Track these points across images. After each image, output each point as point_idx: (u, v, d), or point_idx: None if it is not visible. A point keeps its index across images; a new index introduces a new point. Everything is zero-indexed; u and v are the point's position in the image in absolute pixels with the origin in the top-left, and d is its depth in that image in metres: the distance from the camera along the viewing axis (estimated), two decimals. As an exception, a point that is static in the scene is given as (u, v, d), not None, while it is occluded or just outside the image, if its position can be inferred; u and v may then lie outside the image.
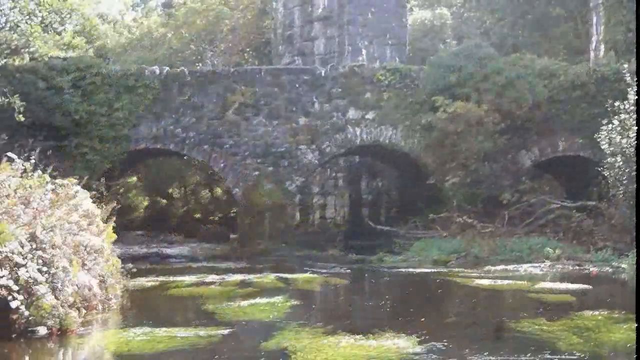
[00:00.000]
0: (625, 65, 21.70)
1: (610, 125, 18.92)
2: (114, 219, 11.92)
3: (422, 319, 10.00)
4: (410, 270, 16.30)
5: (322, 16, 27.59)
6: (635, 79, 19.56)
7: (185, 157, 30.37)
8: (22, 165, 9.95)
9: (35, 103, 19.24)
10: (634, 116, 18.26)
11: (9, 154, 10.59)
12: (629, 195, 18.19)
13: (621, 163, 18.28)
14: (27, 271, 8.00)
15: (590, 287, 13.24)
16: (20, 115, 16.45)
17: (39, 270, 8.23)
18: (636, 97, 18.53)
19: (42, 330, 8.16)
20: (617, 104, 18.92)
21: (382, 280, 15.27)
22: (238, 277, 14.62)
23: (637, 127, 18.00)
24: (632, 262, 15.91)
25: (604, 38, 25.56)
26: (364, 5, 27.01)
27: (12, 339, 7.85)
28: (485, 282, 13.52)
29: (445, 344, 7.93)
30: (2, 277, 7.79)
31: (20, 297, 7.87)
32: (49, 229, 8.83)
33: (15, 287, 7.83)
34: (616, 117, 18.83)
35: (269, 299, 11.16)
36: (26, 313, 7.95)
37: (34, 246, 8.47)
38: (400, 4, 27.80)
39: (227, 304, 10.72)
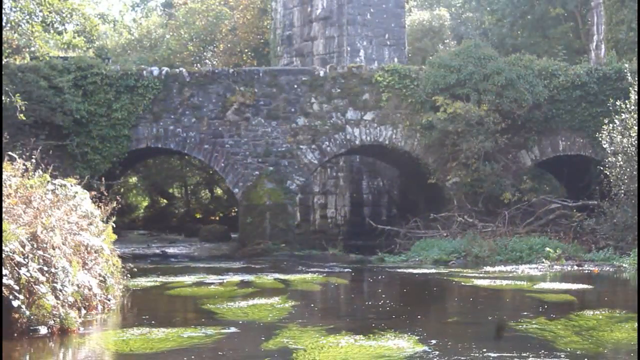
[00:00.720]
0: (627, 65, 21.69)
1: (611, 125, 18.91)
2: (114, 218, 11.91)
3: (420, 317, 10.00)
4: (411, 270, 16.30)
5: (321, 16, 27.60)
6: (637, 78, 19.56)
7: (186, 157, 30.42)
8: (24, 164, 9.94)
9: (36, 102, 19.27)
10: (636, 115, 18.26)
11: (10, 153, 10.58)
12: (630, 194, 18.20)
13: (622, 162, 18.29)
14: (28, 271, 8.00)
15: (591, 286, 13.25)
16: (22, 115, 16.44)
17: (40, 270, 8.22)
18: (637, 96, 18.53)
19: (43, 330, 8.16)
20: (618, 103, 18.91)
21: (382, 280, 15.26)
22: (238, 277, 14.62)
23: (638, 127, 17.99)
24: (633, 261, 15.94)
25: (605, 37, 25.54)
26: (363, 5, 27.04)
27: (14, 338, 7.85)
28: (485, 281, 13.52)
29: (446, 343, 7.92)
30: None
31: (22, 296, 7.87)
32: (49, 229, 8.82)
33: (17, 287, 7.82)
34: (617, 116, 18.83)
35: (270, 299, 11.16)
36: (27, 312, 7.95)
37: (35, 246, 8.46)
38: (399, 4, 27.81)
39: (228, 304, 10.72)
